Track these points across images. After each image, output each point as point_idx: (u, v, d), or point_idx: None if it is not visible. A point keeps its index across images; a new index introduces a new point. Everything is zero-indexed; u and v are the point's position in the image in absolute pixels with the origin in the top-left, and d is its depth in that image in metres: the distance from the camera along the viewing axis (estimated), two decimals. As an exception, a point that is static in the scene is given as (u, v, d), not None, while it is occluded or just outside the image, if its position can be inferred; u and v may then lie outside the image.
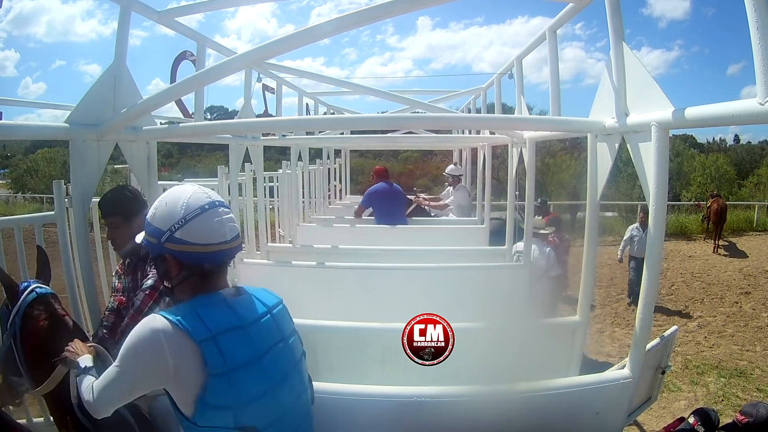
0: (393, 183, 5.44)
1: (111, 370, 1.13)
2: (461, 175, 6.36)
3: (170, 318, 1.07)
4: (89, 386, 1.18)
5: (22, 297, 1.55)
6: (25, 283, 1.61)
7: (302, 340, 1.30)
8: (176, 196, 1.16)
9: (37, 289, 1.58)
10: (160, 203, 1.17)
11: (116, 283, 1.86)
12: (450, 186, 6.37)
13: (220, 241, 1.15)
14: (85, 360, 1.31)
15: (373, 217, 5.42)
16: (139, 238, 1.22)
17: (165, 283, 1.19)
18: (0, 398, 1.65)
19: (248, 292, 1.22)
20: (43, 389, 1.48)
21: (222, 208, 1.17)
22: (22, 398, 1.74)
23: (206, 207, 1.15)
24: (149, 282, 1.68)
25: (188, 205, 1.14)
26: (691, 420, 2.20)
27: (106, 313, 1.84)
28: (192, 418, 1.07)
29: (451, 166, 6.54)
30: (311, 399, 1.32)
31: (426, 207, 6.07)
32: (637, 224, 6.79)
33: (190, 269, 1.15)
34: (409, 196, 5.90)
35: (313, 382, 1.36)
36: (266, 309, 1.21)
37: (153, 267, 1.48)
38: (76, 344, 1.39)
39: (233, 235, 1.18)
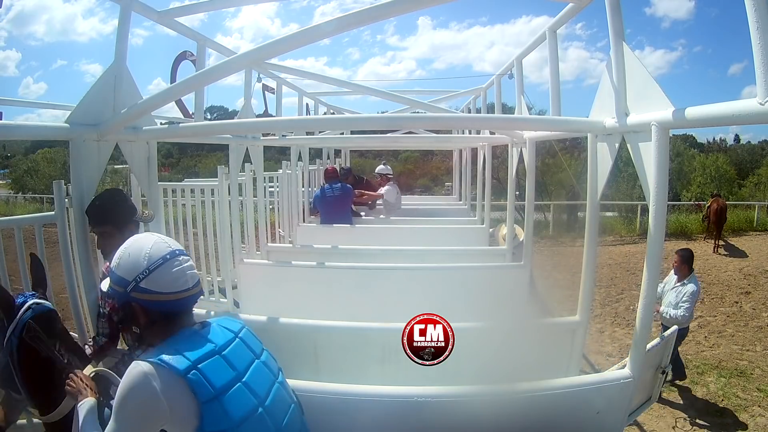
0: (336, 183, 5.34)
1: (112, 429, 1.11)
2: (389, 174, 6.57)
3: (151, 360, 1.10)
4: None
5: (20, 314, 1.49)
6: (22, 297, 1.55)
7: (275, 358, 1.36)
8: (138, 247, 1.22)
9: (34, 306, 1.52)
10: (124, 253, 1.22)
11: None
12: (380, 185, 6.56)
13: (183, 289, 1.22)
14: (85, 407, 1.29)
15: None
16: (105, 285, 1.29)
17: (133, 329, 1.23)
18: (4, 414, 1.62)
19: (212, 323, 1.29)
20: (50, 418, 1.46)
21: (182, 257, 1.25)
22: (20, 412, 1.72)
23: (167, 257, 1.21)
24: None
25: (150, 255, 1.20)
26: None
27: (102, 320, 1.83)
28: None
29: (380, 166, 6.75)
30: (301, 411, 1.36)
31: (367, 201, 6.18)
32: (672, 271, 4.34)
33: (156, 315, 1.21)
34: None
35: (313, 382, 1.37)
36: (233, 334, 1.28)
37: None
38: (77, 378, 1.36)
39: (194, 282, 1.25)
